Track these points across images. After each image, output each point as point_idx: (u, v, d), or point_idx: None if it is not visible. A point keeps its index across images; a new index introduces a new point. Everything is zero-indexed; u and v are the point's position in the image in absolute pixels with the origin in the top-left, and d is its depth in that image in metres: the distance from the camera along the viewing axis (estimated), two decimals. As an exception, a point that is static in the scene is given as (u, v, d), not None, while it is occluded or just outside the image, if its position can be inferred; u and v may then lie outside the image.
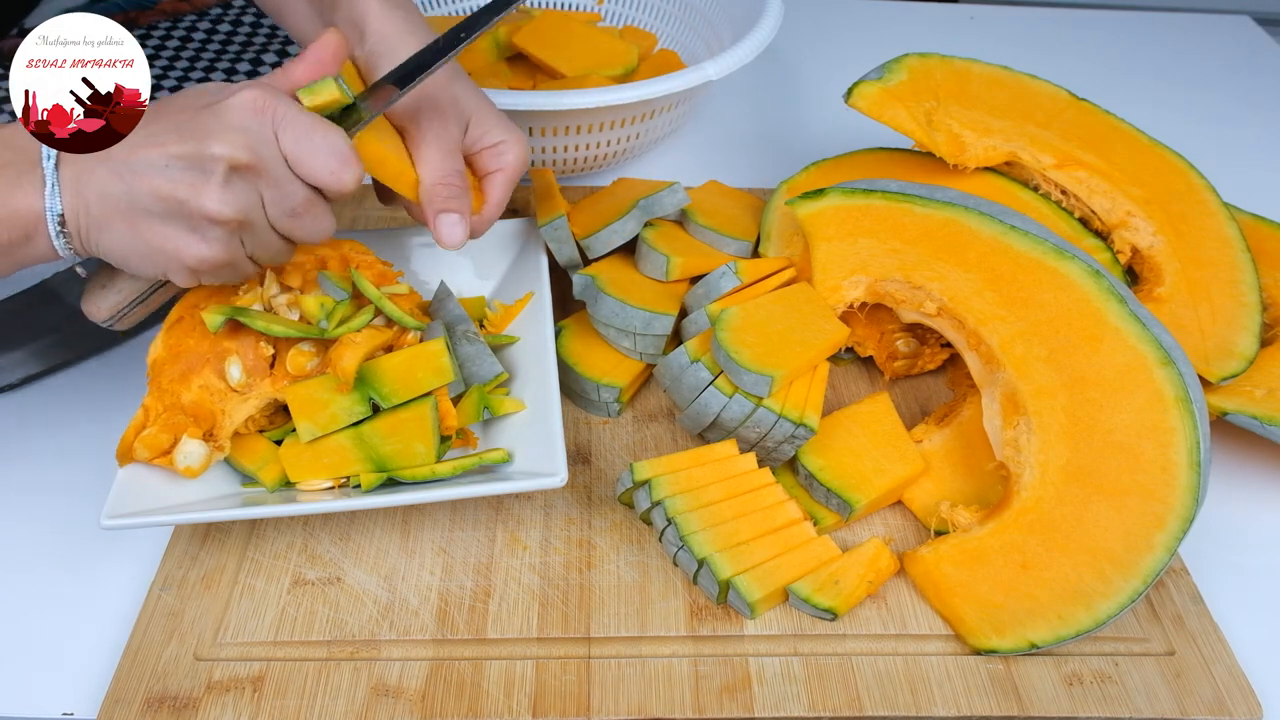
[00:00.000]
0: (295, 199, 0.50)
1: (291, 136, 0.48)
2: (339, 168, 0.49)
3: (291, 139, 0.48)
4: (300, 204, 0.50)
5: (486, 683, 0.50)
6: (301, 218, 0.51)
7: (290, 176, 0.49)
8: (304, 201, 0.50)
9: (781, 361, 0.56)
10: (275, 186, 0.49)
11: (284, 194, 0.49)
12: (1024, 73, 0.72)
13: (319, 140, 0.48)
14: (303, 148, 0.48)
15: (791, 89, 1.02)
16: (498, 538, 0.57)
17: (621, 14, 0.97)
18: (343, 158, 0.49)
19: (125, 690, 0.49)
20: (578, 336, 0.65)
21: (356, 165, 0.50)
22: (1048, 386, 0.55)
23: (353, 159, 0.49)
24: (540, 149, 0.78)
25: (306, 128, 0.48)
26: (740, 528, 0.54)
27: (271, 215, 0.50)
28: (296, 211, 0.50)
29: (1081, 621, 0.50)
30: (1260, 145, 0.98)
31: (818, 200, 0.62)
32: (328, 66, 0.51)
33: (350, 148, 0.49)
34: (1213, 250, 0.67)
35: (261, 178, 0.48)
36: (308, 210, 0.50)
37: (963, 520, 0.56)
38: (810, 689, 0.50)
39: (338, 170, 0.49)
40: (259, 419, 0.56)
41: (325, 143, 0.48)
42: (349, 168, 0.49)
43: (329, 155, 0.49)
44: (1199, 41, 1.15)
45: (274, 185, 0.49)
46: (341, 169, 0.49)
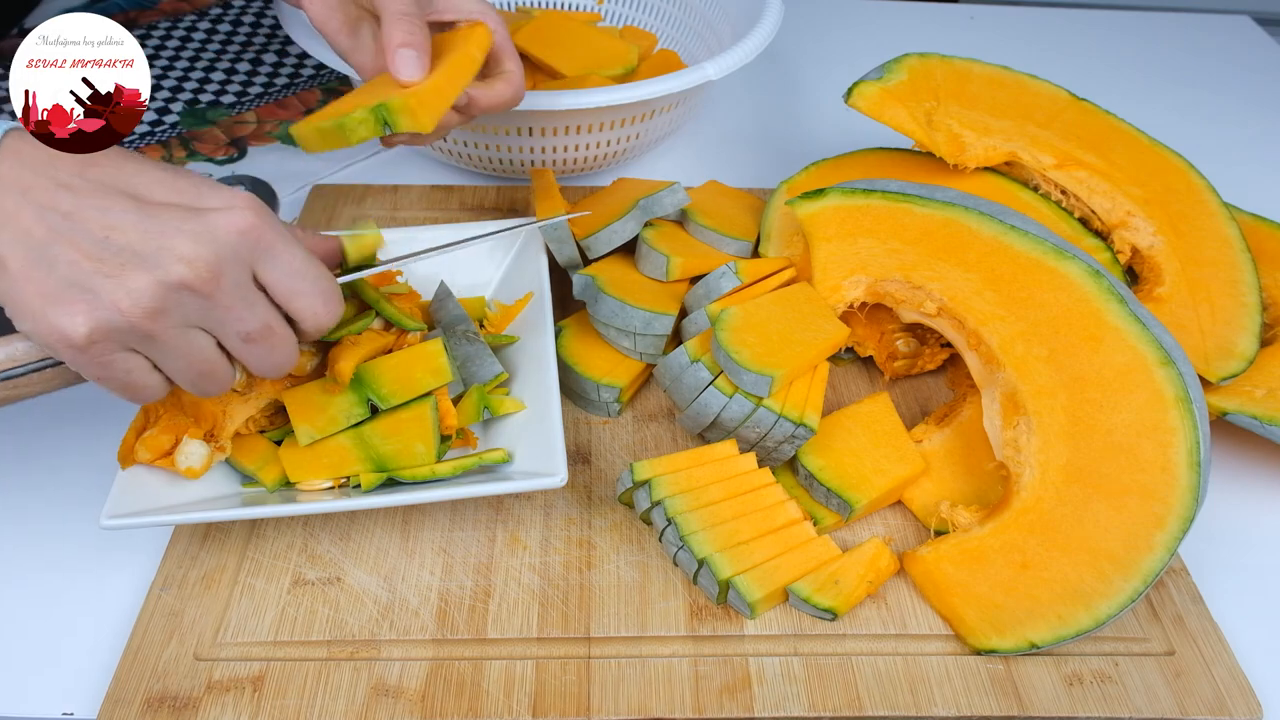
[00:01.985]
0: (251, 324, 0.45)
1: (280, 273, 0.45)
2: (323, 309, 0.47)
3: (280, 276, 0.45)
4: (256, 330, 0.45)
5: (486, 683, 0.50)
6: (257, 344, 0.46)
7: (254, 298, 0.45)
8: (261, 328, 0.45)
9: (781, 361, 0.56)
10: (227, 311, 0.44)
11: (238, 317, 0.44)
12: (1024, 73, 0.72)
13: (310, 283, 0.46)
14: (291, 287, 0.45)
15: (791, 89, 1.02)
16: (498, 538, 0.57)
17: (621, 14, 0.97)
18: (327, 298, 0.47)
19: (125, 690, 0.49)
20: (578, 336, 0.65)
21: (339, 306, 0.48)
22: (1048, 386, 0.55)
23: (337, 300, 0.47)
24: (540, 149, 0.78)
25: (298, 267, 0.45)
26: (740, 528, 0.54)
27: (219, 333, 0.45)
28: (251, 337, 0.45)
29: (1081, 621, 0.50)
30: (1260, 145, 0.98)
31: (818, 200, 0.62)
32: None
33: (336, 287, 0.47)
34: (1213, 250, 0.67)
35: (212, 301, 0.43)
36: (265, 337, 0.46)
37: (963, 520, 0.56)
38: (810, 689, 0.50)
39: (321, 312, 0.47)
40: (259, 419, 0.56)
41: (315, 286, 0.46)
42: (333, 308, 0.47)
43: (315, 297, 0.46)
44: (1199, 41, 1.15)
45: (226, 309, 0.44)
46: (324, 310, 0.47)
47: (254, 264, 0.44)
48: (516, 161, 0.79)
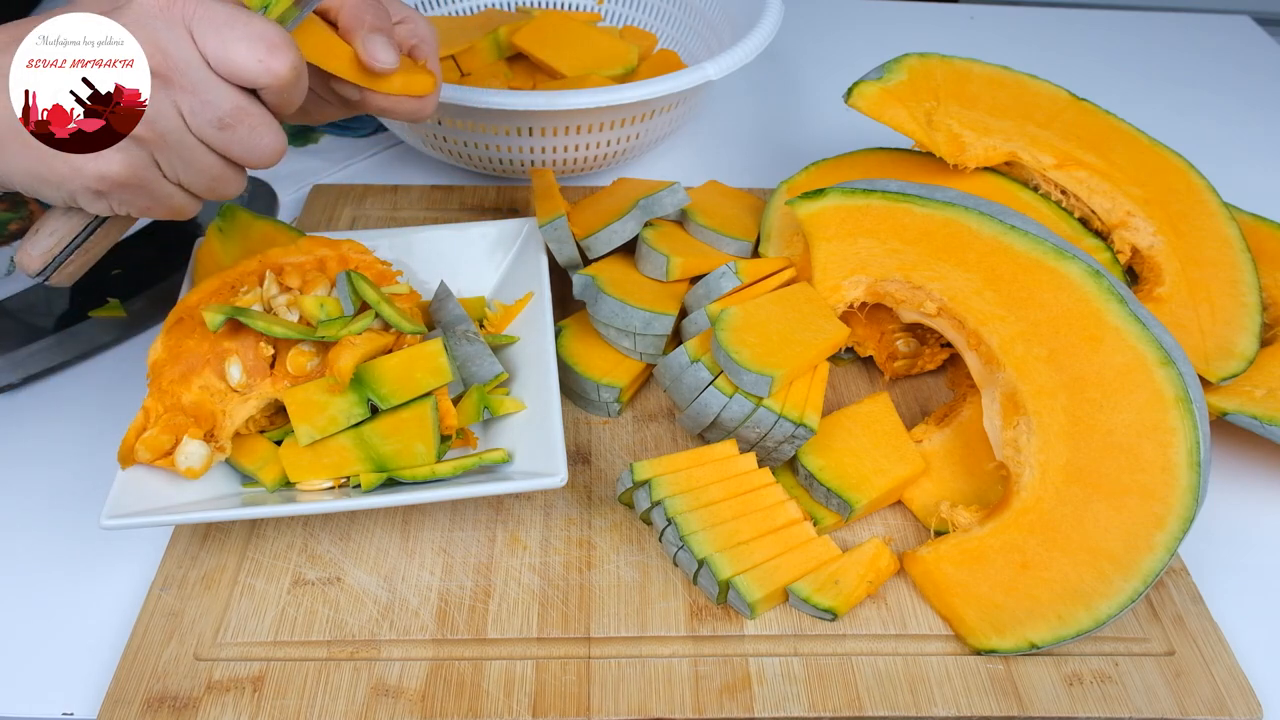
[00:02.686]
0: (221, 106, 0.44)
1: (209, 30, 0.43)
2: (267, 55, 0.44)
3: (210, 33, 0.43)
4: (229, 112, 0.45)
5: (486, 683, 0.50)
6: (234, 129, 0.45)
7: (213, 80, 0.44)
8: (233, 110, 0.45)
9: (781, 361, 0.56)
10: (193, 93, 0.44)
11: (205, 101, 0.44)
12: (1024, 73, 0.72)
13: (240, 29, 0.43)
14: (223, 38, 0.43)
15: (791, 89, 1.02)
16: (498, 538, 0.57)
17: (621, 14, 0.97)
18: (270, 43, 0.44)
19: (125, 690, 0.49)
20: (578, 336, 0.65)
21: (289, 51, 0.45)
22: (1048, 386, 0.55)
23: (283, 44, 0.44)
24: (540, 149, 0.78)
25: (225, 17, 0.43)
26: (740, 528, 0.54)
27: (196, 128, 0.45)
28: (226, 122, 0.45)
29: (1081, 621, 0.50)
30: (1260, 145, 0.98)
31: (818, 200, 0.62)
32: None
33: (279, 31, 0.45)
34: (1213, 250, 0.67)
35: (174, 85, 0.43)
36: (240, 119, 0.45)
37: (963, 520, 0.56)
38: (810, 689, 0.50)
39: (266, 58, 0.44)
40: (259, 419, 0.56)
41: (248, 30, 0.44)
42: (280, 53, 0.44)
43: (255, 42, 0.44)
44: (1199, 41, 1.15)
45: (191, 92, 0.44)
46: (270, 56, 0.44)
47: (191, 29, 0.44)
48: (516, 161, 0.79)
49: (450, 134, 0.77)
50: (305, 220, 0.78)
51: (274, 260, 0.60)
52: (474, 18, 0.93)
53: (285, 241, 0.63)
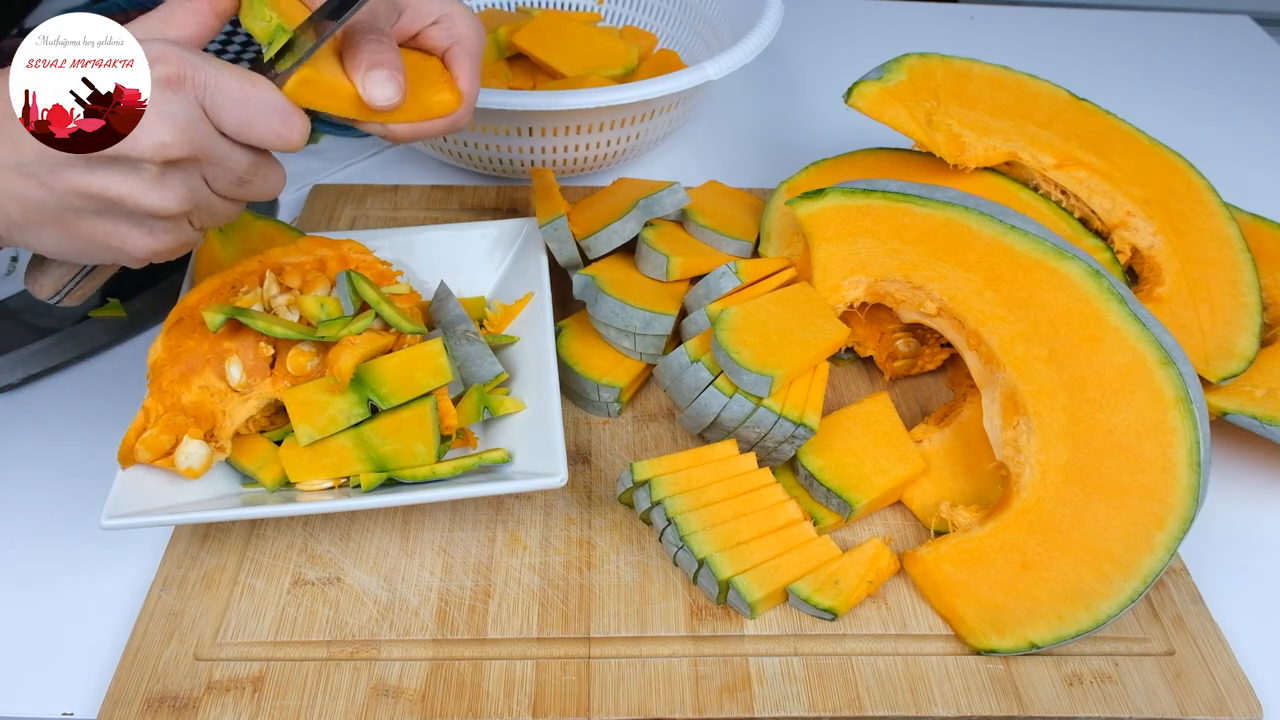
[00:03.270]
0: (240, 168, 0.47)
1: (224, 108, 0.45)
2: (283, 128, 0.47)
3: (226, 112, 0.45)
4: (246, 170, 0.48)
5: (486, 683, 0.50)
6: (250, 183, 0.49)
7: (230, 148, 0.47)
8: (250, 167, 0.48)
9: (781, 361, 0.56)
10: (216, 164, 0.46)
11: (227, 168, 0.47)
12: (1024, 73, 0.72)
13: (254, 105, 0.46)
14: (241, 118, 0.45)
15: (791, 89, 1.02)
16: (498, 538, 0.57)
17: (621, 14, 0.97)
18: (284, 115, 0.46)
19: (125, 690, 0.49)
20: (578, 336, 0.65)
21: (299, 118, 0.47)
22: (1048, 386, 0.55)
23: (293, 113, 0.47)
24: (540, 149, 0.78)
25: (237, 94, 0.45)
26: (740, 528, 0.54)
27: (218, 189, 0.48)
28: (244, 179, 0.48)
29: (1081, 621, 0.50)
30: (1260, 145, 0.98)
31: (818, 200, 0.62)
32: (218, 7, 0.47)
33: (286, 101, 0.47)
34: (1213, 250, 0.67)
35: (200, 160, 0.46)
36: (255, 174, 0.48)
37: (963, 520, 0.56)
38: (810, 689, 0.50)
39: (283, 131, 0.47)
40: (259, 419, 0.56)
41: (263, 105, 0.46)
42: (293, 124, 0.47)
43: (270, 117, 0.46)
44: (1199, 41, 1.15)
45: (215, 163, 0.46)
46: (286, 129, 0.47)
47: (205, 109, 0.45)
48: (516, 161, 0.79)
49: (450, 134, 0.77)
50: (305, 220, 0.78)
51: (274, 260, 0.60)
52: (474, 18, 0.93)
53: (285, 241, 0.63)
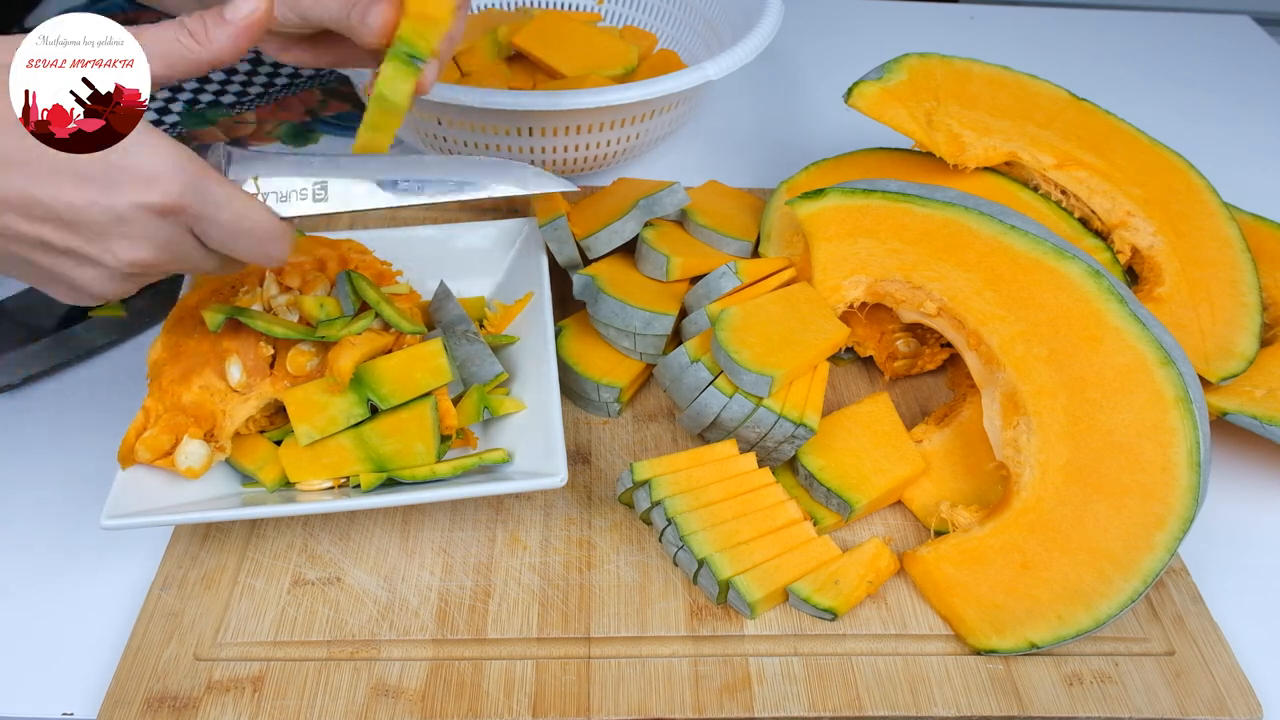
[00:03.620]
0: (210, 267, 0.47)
1: (212, 236, 0.45)
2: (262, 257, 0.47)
3: (213, 232, 0.45)
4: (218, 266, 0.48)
5: (486, 683, 0.50)
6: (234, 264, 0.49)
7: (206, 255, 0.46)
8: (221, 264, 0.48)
9: (781, 361, 0.56)
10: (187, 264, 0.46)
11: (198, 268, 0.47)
12: (1024, 73, 0.72)
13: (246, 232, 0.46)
14: (227, 244, 0.46)
15: (791, 89, 1.02)
16: (498, 538, 0.57)
17: (621, 14, 0.97)
18: (268, 241, 0.47)
19: (125, 690, 0.49)
20: (578, 336, 0.65)
21: (285, 242, 0.47)
22: (1048, 386, 0.55)
23: (278, 239, 0.47)
24: (540, 149, 0.78)
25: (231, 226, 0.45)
26: (740, 528, 0.54)
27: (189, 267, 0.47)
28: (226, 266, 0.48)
29: (1081, 621, 0.50)
30: (1260, 145, 0.98)
31: (818, 200, 0.62)
32: (255, 31, 0.45)
33: (280, 225, 0.47)
34: (1213, 250, 0.67)
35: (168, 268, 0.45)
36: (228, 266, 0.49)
37: (963, 520, 0.56)
38: (810, 689, 0.50)
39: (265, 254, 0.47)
40: (259, 419, 0.56)
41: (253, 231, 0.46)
42: (281, 248, 0.47)
43: (259, 244, 0.46)
44: (1199, 41, 1.15)
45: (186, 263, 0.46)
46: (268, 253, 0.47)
47: (193, 231, 0.45)
48: (516, 161, 0.79)
49: (450, 134, 0.77)
50: (305, 220, 0.78)
51: (274, 260, 0.60)
52: (474, 18, 0.93)
53: (285, 241, 0.63)
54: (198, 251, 0.46)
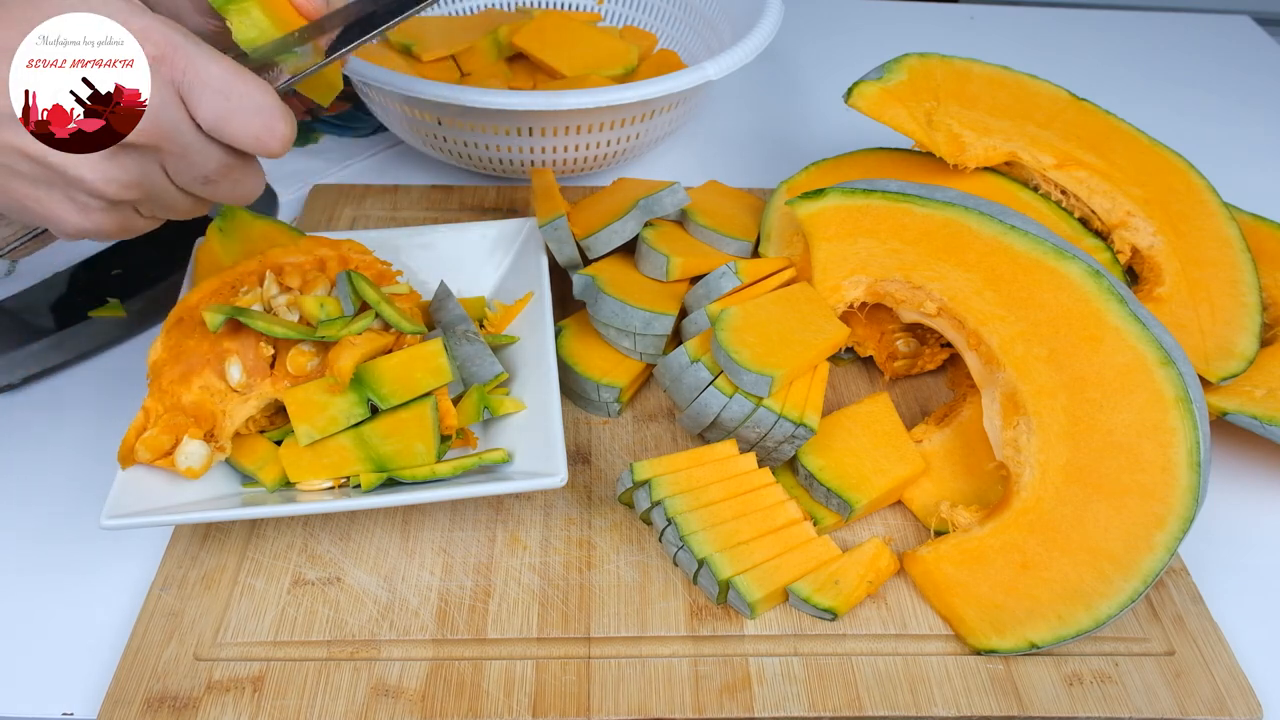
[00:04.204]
0: (209, 165, 0.44)
1: (203, 95, 0.41)
2: (264, 130, 0.43)
3: (205, 104, 0.41)
4: (214, 170, 0.44)
5: (486, 683, 0.50)
6: (217, 184, 0.45)
7: (201, 143, 0.43)
8: (218, 168, 0.44)
9: (781, 361, 0.56)
10: (181, 157, 0.43)
11: (192, 162, 0.43)
12: (1024, 73, 0.72)
13: (237, 101, 0.42)
14: (219, 112, 0.42)
15: (791, 89, 1.02)
16: (498, 538, 0.57)
17: (621, 14, 0.97)
18: (268, 116, 0.43)
19: (125, 690, 0.49)
20: (578, 336, 0.65)
21: (285, 123, 0.43)
22: (1048, 386, 0.55)
23: (280, 116, 0.43)
24: (540, 149, 0.78)
25: (221, 85, 0.41)
26: (740, 528, 0.54)
27: (181, 183, 0.44)
28: (211, 178, 0.44)
29: (1081, 621, 0.50)
30: (1260, 145, 0.98)
31: (818, 200, 0.62)
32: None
33: (276, 101, 0.43)
34: (1213, 250, 0.67)
35: (162, 150, 0.42)
36: (225, 175, 0.45)
37: (963, 520, 0.56)
38: (810, 689, 0.50)
39: (263, 134, 0.43)
40: (259, 419, 0.56)
41: (247, 102, 0.42)
42: (275, 128, 0.43)
43: (252, 116, 0.42)
44: (1199, 41, 1.15)
45: (179, 155, 0.43)
46: (267, 132, 0.43)
47: (181, 94, 0.42)
48: (516, 161, 0.79)
49: (450, 134, 0.77)
50: (305, 220, 0.78)
51: (274, 260, 0.60)
52: (474, 18, 0.93)
53: (285, 241, 0.63)
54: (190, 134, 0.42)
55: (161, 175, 0.44)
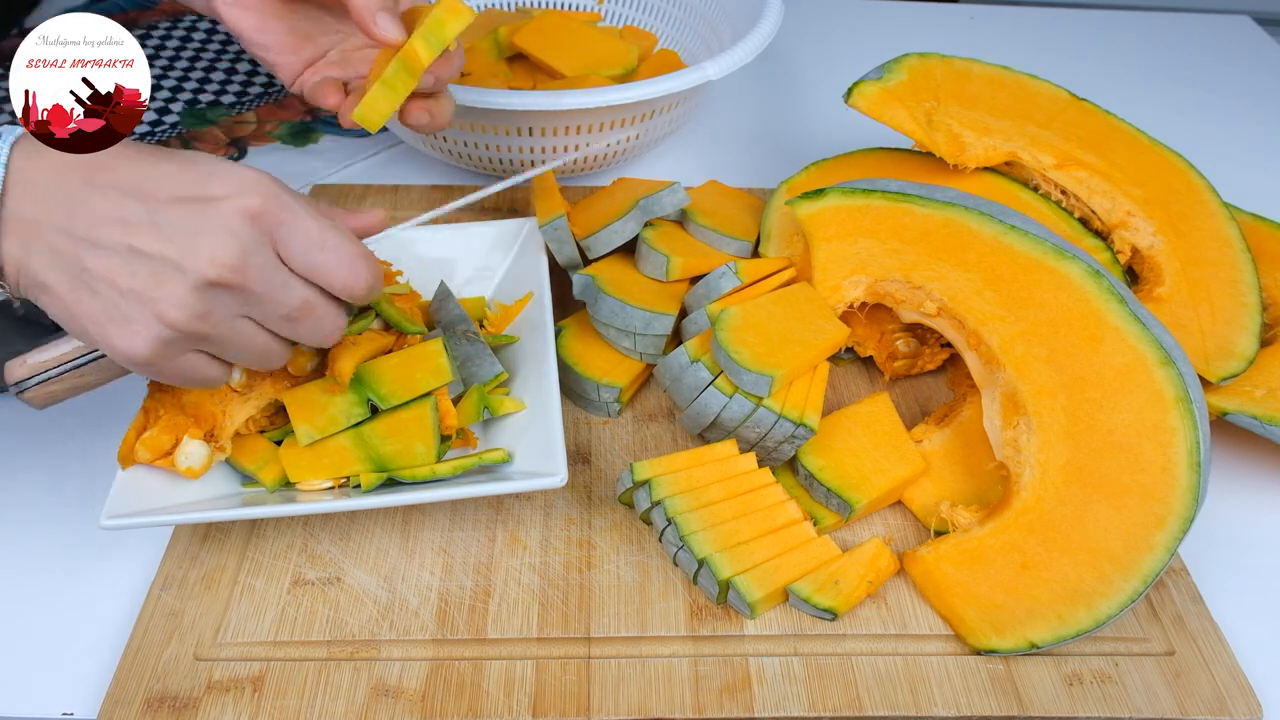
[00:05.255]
0: (290, 304, 0.46)
1: (296, 244, 0.45)
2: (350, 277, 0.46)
3: (297, 246, 0.45)
4: (297, 307, 0.46)
5: (486, 683, 0.50)
6: (299, 322, 0.47)
7: (287, 279, 0.45)
8: (301, 305, 0.46)
9: (781, 361, 0.56)
10: (264, 297, 0.45)
11: (276, 301, 0.45)
12: (1024, 73, 0.72)
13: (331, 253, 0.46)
14: (310, 257, 0.45)
15: (791, 89, 1.02)
16: (498, 538, 0.57)
17: (621, 14, 0.97)
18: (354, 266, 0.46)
19: (125, 690, 0.49)
20: (578, 336, 0.65)
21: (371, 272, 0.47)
22: (1048, 386, 0.55)
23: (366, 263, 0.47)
24: (540, 149, 0.78)
25: (315, 236, 0.45)
26: (740, 528, 0.54)
27: (262, 321, 0.46)
28: (293, 315, 0.46)
29: (1081, 621, 0.50)
30: (1260, 145, 0.98)
31: (818, 200, 0.62)
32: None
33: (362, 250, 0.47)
34: (1213, 250, 0.67)
35: (247, 289, 0.44)
36: (308, 313, 0.47)
37: (963, 520, 0.56)
38: (810, 689, 0.50)
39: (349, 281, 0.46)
40: (259, 419, 0.56)
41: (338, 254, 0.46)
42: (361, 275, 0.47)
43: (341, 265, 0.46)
44: (1199, 41, 1.15)
45: (263, 297, 0.45)
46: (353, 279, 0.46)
47: (275, 244, 0.45)
48: (516, 161, 0.79)
49: (450, 134, 0.77)
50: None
51: (274, 260, 0.60)
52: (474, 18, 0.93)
53: (285, 241, 0.63)
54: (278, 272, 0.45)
55: (237, 313, 0.45)
